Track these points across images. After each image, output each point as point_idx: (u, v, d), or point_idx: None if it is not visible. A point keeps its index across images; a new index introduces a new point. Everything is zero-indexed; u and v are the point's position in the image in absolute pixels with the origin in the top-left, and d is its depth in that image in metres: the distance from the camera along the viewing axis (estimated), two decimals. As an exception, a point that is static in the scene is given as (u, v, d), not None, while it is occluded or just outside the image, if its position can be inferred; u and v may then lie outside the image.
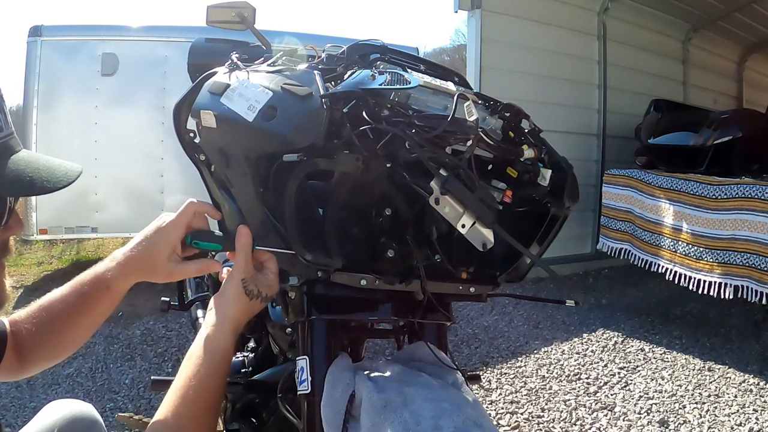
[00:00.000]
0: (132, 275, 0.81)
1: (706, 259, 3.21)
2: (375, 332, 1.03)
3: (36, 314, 0.83)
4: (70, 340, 0.85)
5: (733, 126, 3.81)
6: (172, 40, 4.52)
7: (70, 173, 0.69)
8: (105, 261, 0.82)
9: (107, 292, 0.81)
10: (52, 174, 0.67)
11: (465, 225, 0.63)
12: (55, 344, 0.84)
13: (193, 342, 0.75)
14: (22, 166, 0.65)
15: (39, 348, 0.84)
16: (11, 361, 0.82)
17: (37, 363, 0.87)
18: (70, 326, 0.83)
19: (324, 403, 0.71)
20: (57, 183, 0.66)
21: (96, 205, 4.55)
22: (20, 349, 0.83)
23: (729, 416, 2.32)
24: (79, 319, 0.82)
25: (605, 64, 4.96)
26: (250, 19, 1.08)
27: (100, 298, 0.81)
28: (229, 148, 0.71)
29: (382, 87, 0.67)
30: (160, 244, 0.78)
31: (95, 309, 0.82)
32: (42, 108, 4.37)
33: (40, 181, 0.65)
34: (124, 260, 0.80)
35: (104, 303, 0.82)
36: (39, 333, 0.82)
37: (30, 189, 0.66)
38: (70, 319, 0.82)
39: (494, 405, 2.44)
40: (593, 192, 4.59)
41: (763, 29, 6.00)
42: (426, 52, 18.55)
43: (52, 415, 0.99)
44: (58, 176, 0.67)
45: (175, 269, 0.79)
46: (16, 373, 0.85)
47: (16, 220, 0.69)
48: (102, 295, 0.81)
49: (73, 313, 0.82)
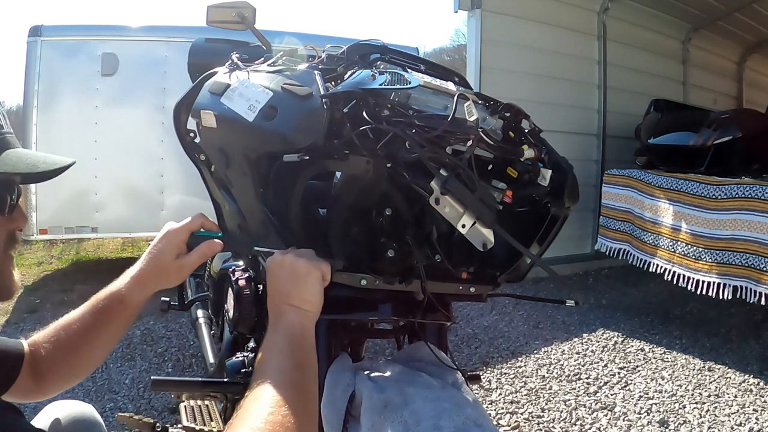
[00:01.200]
0: (145, 286, 0.82)
1: (705, 260, 3.21)
2: (375, 332, 1.03)
3: (54, 334, 0.84)
4: (87, 358, 0.86)
5: (733, 126, 3.81)
6: (172, 40, 4.52)
7: (63, 162, 0.71)
8: (119, 278, 0.84)
9: (121, 305, 0.82)
10: (48, 163, 0.69)
11: (465, 225, 0.63)
12: (72, 363, 0.85)
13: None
14: (22, 155, 0.68)
15: (57, 367, 0.84)
16: (28, 381, 0.82)
17: (56, 383, 0.87)
18: (87, 343, 0.83)
19: (324, 403, 0.71)
20: (53, 168, 0.69)
21: (96, 205, 4.55)
22: (38, 369, 0.84)
23: (729, 416, 2.32)
24: (96, 335, 0.83)
25: (605, 64, 4.95)
26: (250, 19, 1.07)
27: (115, 312, 0.83)
28: (230, 148, 0.71)
29: (382, 87, 0.67)
30: (166, 249, 0.80)
31: (111, 324, 0.83)
32: (42, 108, 4.37)
33: (38, 164, 0.68)
34: (136, 273, 0.82)
35: (119, 317, 0.84)
36: (57, 352, 0.83)
37: (24, 178, 0.69)
38: (87, 337, 0.83)
39: (494, 405, 2.44)
40: (593, 192, 4.59)
41: (763, 29, 5.99)
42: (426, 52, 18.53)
43: (52, 415, 0.99)
44: (54, 162, 0.70)
45: (181, 263, 0.81)
46: (35, 394, 0.85)
47: (20, 213, 0.71)
48: (117, 309, 0.82)
49: (90, 330, 0.83)
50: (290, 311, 0.70)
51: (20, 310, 3.76)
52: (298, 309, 0.70)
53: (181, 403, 1.43)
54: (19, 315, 3.66)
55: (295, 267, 0.70)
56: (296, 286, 0.70)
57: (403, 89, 0.69)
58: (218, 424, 1.32)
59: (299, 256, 0.71)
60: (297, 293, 0.70)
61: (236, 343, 1.39)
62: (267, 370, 0.62)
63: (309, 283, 0.70)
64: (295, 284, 0.70)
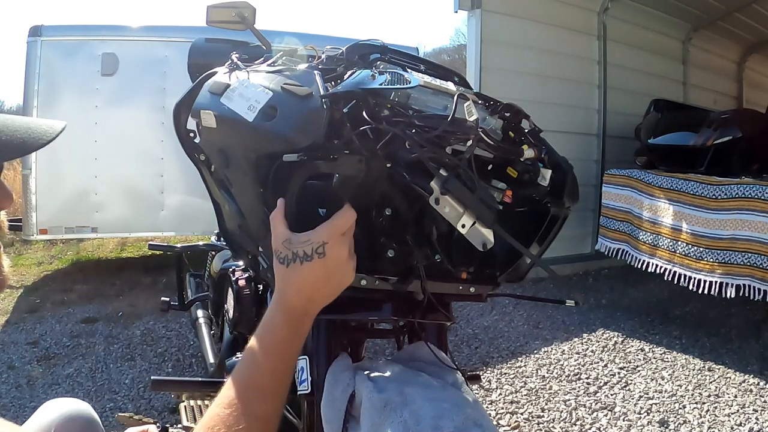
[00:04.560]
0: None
1: (707, 260, 3.21)
2: (375, 332, 1.03)
3: None
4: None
5: (733, 126, 3.81)
6: (172, 40, 4.52)
7: (50, 131, 0.62)
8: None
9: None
10: (28, 134, 0.60)
11: (465, 225, 0.63)
12: None
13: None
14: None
15: None
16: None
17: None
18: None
19: (324, 403, 0.71)
20: (35, 142, 0.60)
21: (96, 205, 4.55)
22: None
23: (729, 416, 2.32)
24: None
25: (605, 64, 4.96)
26: (250, 19, 1.08)
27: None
28: (229, 148, 0.70)
29: (382, 87, 0.67)
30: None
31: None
32: (42, 108, 4.37)
33: (16, 140, 0.58)
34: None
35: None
36: None
37: (3, 154, 0.58)
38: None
39: (494, 405, 2.44)
40: (593, 192, 4.59)
41: (763, 29, 5.99)
42: (426, 52, 18.55)
43: (49, 414, 0.98)
44: (38, 135, 0.61)
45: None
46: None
47: (4, 192, 0.63)
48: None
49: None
50: (307, 324, 0.65)
51: (20, 310, 3.76)
52: (311, 318, 0.66)
53: (181, 403, 1.43)
54: (19, 315, 3.66)
55: (343, 269, 0.64)
56: (332, 294, 0.66)
57: (403, 89, 0.69)
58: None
59: (350, 258, 0.65)
60: (323, 302, 0.66)
61: (236, 343, 1.39)
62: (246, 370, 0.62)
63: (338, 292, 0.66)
64: (332, 291, 0.65)
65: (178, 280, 2.18)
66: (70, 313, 3.65)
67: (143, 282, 4.44)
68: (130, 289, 4.25)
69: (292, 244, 0.63)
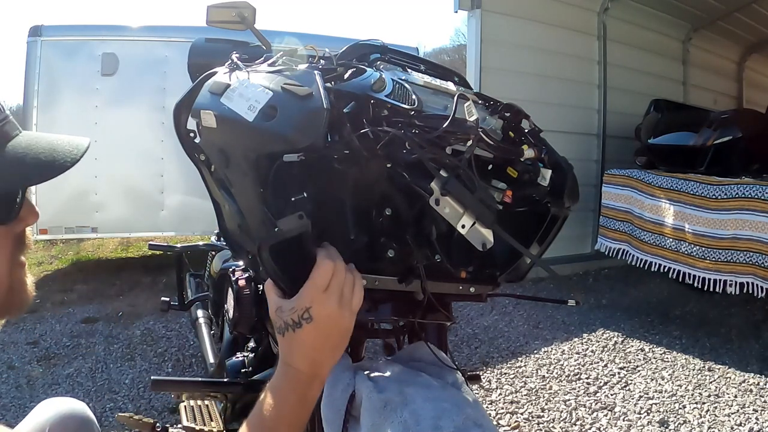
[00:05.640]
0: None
1: (709, 258, 3.22)
2: (375, 332, 1.03)
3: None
4: None
5: (733, 126, 3.81)
6: (172, 40, 4.53)
7: (75, 151, 0.63)
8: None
9: None
10: (53, 156, 0.61)
11: (465, 225, 0.63)
12: None
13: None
14: (20, 152, 0.59)
15: None
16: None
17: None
18: None
19: (324, 403, 0.71)
20: (58, 167, 0.60)
21: (96, 205, 4.56)
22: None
23: (729, 416, 2.32)
24: None
25: (605, 64, 4.96)
26: (250, 19, 1.07)
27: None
28: (229, 148, 0.70)
29: (385, 99, 0.67)
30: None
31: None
32: (42, 108, 4.38)
33: (38, 168, 0.59)
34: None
35: None
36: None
37: (27, 179, 0.60)
38: None
39: (494, 405, 2.44)
40: (593, 192, 4.59)
41: (763, 29, 6.00)
42: (426, 52, 18.56)
43: (44, 413, 0.97)
44: (62, 156, 0.61)
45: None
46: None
47: (29, 209, 0.63)
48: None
49: None
50: (317, 387, 0.64)
51: (20, 310, 3.75)
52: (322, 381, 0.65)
53: (181, 403, 1.43)
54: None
55: (337, 324, 0.63)
56: (337, 349, 0.65)
57: (405, 109, 0.68)
58: (218, 424, 1.32)
59: (342, 308, 0.63)
60: (331, 361, 0.65)
61: (236, 343, 1.39)
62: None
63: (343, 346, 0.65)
64: (335, 346, 0.64)
65: (178, 280, 2.18)
66: (70, 313, 3.65)
67: (143, 282, 4.44)
68: (130, 289, 4.25)
69: (284, 313, 0.63)
